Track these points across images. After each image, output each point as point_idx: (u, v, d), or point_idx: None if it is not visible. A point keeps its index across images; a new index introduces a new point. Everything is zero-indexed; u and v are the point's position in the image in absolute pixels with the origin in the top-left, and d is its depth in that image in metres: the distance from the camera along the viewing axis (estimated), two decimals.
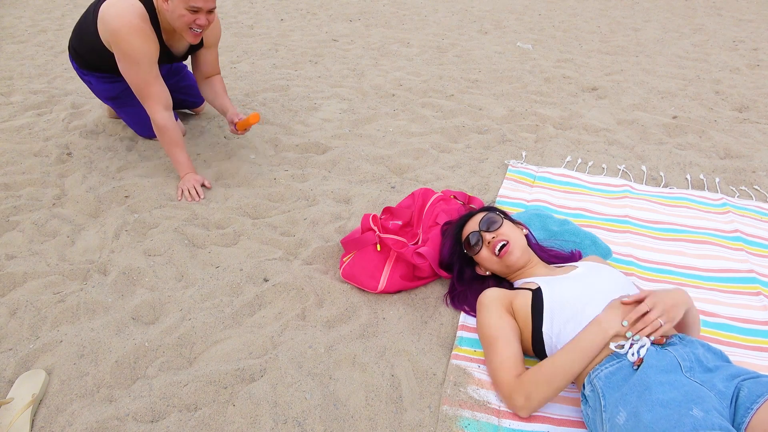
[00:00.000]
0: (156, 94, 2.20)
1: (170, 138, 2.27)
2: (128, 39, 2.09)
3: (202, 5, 2.04)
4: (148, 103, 2.22)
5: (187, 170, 2.34)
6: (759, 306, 1.72)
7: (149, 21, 2.13)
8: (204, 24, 2.10)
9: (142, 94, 2.20)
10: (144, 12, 2.11)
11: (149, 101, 2.21)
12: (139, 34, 2.09)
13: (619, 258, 1.93)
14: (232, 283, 1.80)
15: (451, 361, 1.51)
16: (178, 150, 2.31)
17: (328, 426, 1.33)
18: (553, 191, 2.37)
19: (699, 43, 4.86)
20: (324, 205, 2.24)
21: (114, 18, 2.09)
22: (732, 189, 2.43)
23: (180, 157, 2.32)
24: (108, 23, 2.10)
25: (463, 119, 3.11)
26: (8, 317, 1.64)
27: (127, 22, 2.07)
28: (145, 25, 2.11)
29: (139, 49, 2.11)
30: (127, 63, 2.14)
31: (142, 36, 2.10)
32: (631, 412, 1.12)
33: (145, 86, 2.18)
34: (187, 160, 2.34)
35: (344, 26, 5.23)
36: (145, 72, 2.16)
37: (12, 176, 2.40)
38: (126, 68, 2.17)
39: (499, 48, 4.59)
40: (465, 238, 1.68)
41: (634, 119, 3.13)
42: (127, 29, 2.07)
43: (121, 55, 2.13)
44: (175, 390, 1.41)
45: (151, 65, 2.17)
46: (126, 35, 2.08)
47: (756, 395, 1.11)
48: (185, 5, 2.03)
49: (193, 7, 2.03)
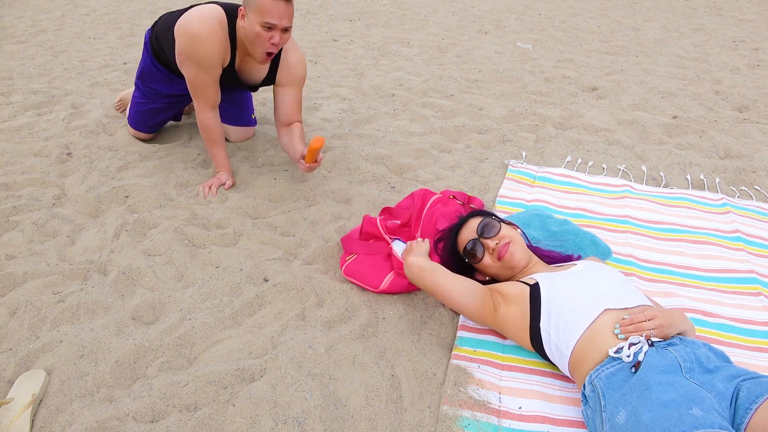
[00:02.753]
0: (208, 96, 2.25)
1: (210, 136, 2.35)
2: (200, 38, 2.08)
3: (277, 22, 2.01)
4: (198, 101, 2.27)
5: (218, 168, 2.41)
6: (759, 306, 1.72)
7: (226, 31, 2.14)
8: (278, 42, 2.07)
9: (196, 93, 2.25)
10: (224, 20, 2.12)
11: (199, 100, 2.26)
12: (211, 36, 2.09)
13: (619, 258, 1.93)
14: (232, 283, 1.80)
15: (451, 361, 1.51)
16: (216, 148, 2.38)
17: (328, 426, 1.33)
18: (553, 191, 2.36)
19: (699, 43, 4.86)
20: (324, 205, 2.24)
21: (193, 18, 2.10)
22: (732, 189, 2.43)
23: (217, 154, 2.40)
24: (187, 23, 2.11)
25: (463, 119, 3.11)
26: (8, 317, 1.64)
27: (204, 22, 2.08)
28: (220, 30, 2.12)
29: (206, 50, 2.11)
30: (191, 62, 2.15)
31: (212, 38, 2.10)
32: (631, 411, 1.12)
33: (202, 87, 2.22)
34: (222, 158, 2.40)
35: (344, 26, 5.23)
36: (205, 74, 2.18)
37: (12, 176, 2.40)
38: (188, 66, 2.18)
39: (499, 48, 4.59)
40: (464, 248, 1.64)
41: (634, 119, 3.13)
42: (201, 28, 2.08)
43: (188, 51, 2.13)
44: (175, 390, 1.41)
45: (214, 69, 2.18)
46: (198, 33, 2.08)
47: (755, 396, 1.11)
48: (260, 21, 2.00)
49: (268, 23, 2.01)
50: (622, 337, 1.29)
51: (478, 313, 1.51)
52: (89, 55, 4.12)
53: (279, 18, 2.01)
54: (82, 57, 4.08)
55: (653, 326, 1.28)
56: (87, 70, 3.78)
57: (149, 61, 2.49)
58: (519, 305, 1.47)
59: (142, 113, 2.66)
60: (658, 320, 1.29)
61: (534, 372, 1.49)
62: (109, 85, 3.50)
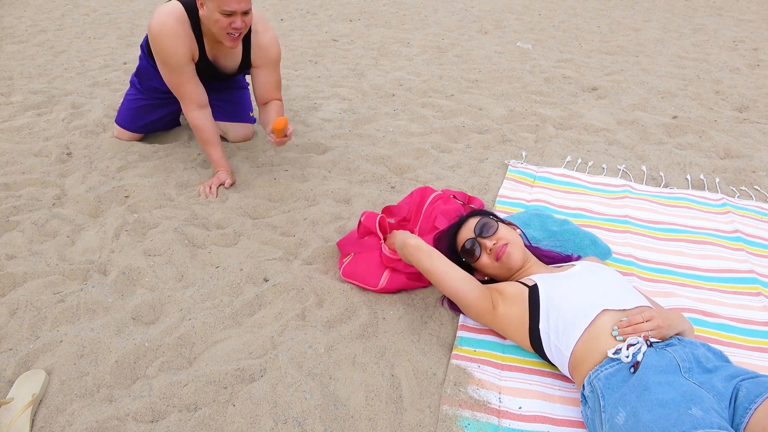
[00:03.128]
0: (189, 93, 2.24)
1: (202, 136, 2.33)
2: (160, 39, 2.11)
3: (235, 7, 2.01)
4: (183, 102, 2.27)
5: (217, 167, 2.39)
6: (759, 306, 1.72)
7: (188, 25, 2.14)
8: (240, 27, 2.07)
9: (177, 94, 2.25)
10: (183, 15, 2.13)
11: (183, 100, 2.26)
12: (170, 34, 2.10)
13: (619, 258, 1.93)
14: (232, 283, 1.80)
15: (451, 361, 1.51)
16: (211, 147, 2.36)
17: (328, 426, 1.33)
18: (553, 191, 2.37)
19: (699, 43, 4.86)
20: (324, 205, 2.24)
21: (153, 19, 2.13)
22: (732, 189, 2.43)
23: (213, 154, 2.37)
24: (149, 25, 2.15)
25: (463, 119, 3.11)
26: (8, 317, 1.64)
27: (161, 22, 2.10)
28: (179, 26, 2.12)
29: (169, 49, 2.13)
30: (160, 63, 2.19)
31: (172, 36, 2.11)
32: (631, 412, 1.12)
33: (178, 86, 2.22)
34: (219, 157, 2.37)
35: (344, 26, 5.23)
36: (178, 73, 2.18)
37: (12, 176, 2.40)
38: (160, 68, 2.21)
39: (499, 48, 4.59)
40: (462, 247, 1.65)
41: (634, 119, 3.13)
42: (159, 29, 2.10)
43: (155, 54, 2.17)
44: (175, 390, 1.41)
45: (183, 66, 2.18)
46: (158, 35, 2.11)
47: (754, 395, 1.11)
48: (218, 9, 2.01)
49: (225, 10, 2.01)
50: (620, 339, 1.29)
51: (476, 307, 1.50)
52: (89, 55, 4.12)
53: (237, 3, 2.01)
54: (82, 57, 4.08)
55: (651, 327, 1.28)
56: (87, 70, 3.78)
57: (144, 60, 2.50)
58: (518, 306, 1.47)
59: (134, 110, 2.65)
60: (655, 321, 1.30)
61: (534, 372, 1.49)
62: (109, 85, 3.51)
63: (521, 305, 1.46)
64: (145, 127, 2.72)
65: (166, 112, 2.72)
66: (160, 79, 2.49)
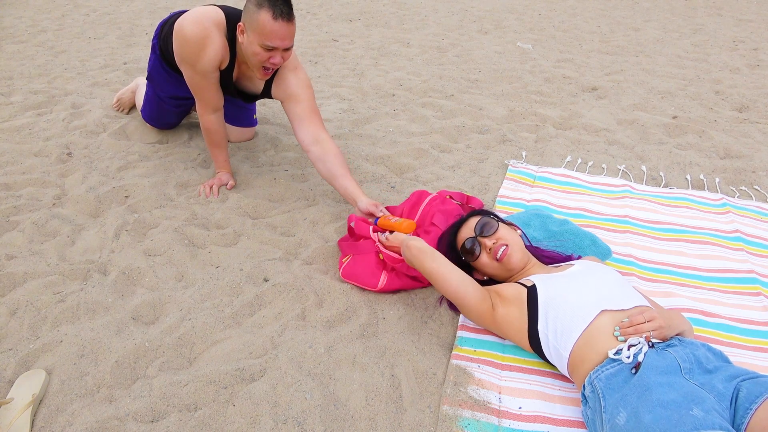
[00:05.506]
0: (209, 98, 2.21)
1: (213, 139, 2.33)
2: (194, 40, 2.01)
3: (278, 44, 1.90)
4: (199, 103, 2.25)
5: (219, 168, 2.40)
6: (759, 306, 1.72)
7: (225, 35, 2.05)
8: (278, 63, 1.97)
9: (195, 95, 2.22)
10: (223, 24, 2.04)
11: (200, 102, 2.24)
12: (205, 39, 2.01)
13: (619, 258, 1.93)
14: (232, 283, 1.80)
15: (451, 361, 1.51)
16: (218, 150, 2.37)
17: (328, 426, 1.33)
18: (553, 191, 2.37)
19: (699, 43, 4.86)
20: (324, 205, 2.24)
21: (187, 18, 2.03)
22: (732, 189, 2.43)
23: (218, 157, 2.38)
24: (181, 23, 2.04)
25: (463, 119, 3.11)
26: (8, 317, 1.64)
27: (198, 23, 2.00)
28: (217, 34, 2.03)
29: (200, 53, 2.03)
30: (186, 64, 2.10)
31: (207, 41, 2.01)
32: (632, 412, 1.12)
33: (199, 89, 2.18)
34: (223, 160, 2.39)
35: (344, 26, 5.23)
36: (201, 76, 2.11)
37: (12, 176, 2.40)
38: (184, 68, 2.13)
39: (499, 48, 4.59)
40: (462, 245, 1.65)
41: (634, 119, 3.13)
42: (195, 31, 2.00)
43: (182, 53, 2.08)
44: (175, 390, 1.41)
45: (209, 72, 2.10)
46: (192, 35, 2.00)
47: (755, 395, 1.11)
48: (260, 42, 1.90)
49: (267, 45, 1.90)
50: (621, 339, 1.29)
51: (475, 309, 1.51)
52: (89, 55, 4.12)
53: (281, 40, 1.90)
54: (82, 57, 4.08)
55: (653, 327, 1.28)
56: (87, 70, 3.78)
57: (157, 63, 2.47)
58: (517, 307, 1.47)
59: (154, 110, 2.70)
60: (657, 321, 1.30)
61: (534, 372, 1.49)
62: (109, 85, 3.50)
63: (520, 306, 1.46)
64: (167, 125, 2.80)
65: (181, 116, 2.81)
66: (172, 85, 2.48)
